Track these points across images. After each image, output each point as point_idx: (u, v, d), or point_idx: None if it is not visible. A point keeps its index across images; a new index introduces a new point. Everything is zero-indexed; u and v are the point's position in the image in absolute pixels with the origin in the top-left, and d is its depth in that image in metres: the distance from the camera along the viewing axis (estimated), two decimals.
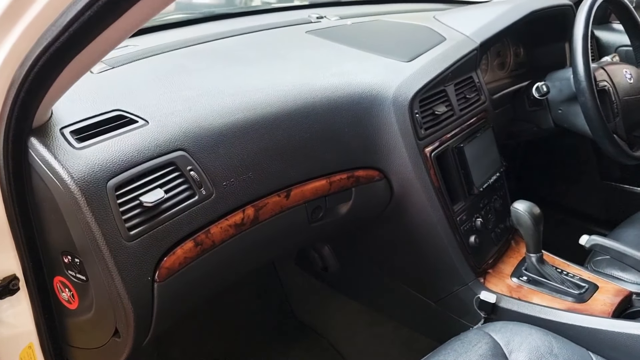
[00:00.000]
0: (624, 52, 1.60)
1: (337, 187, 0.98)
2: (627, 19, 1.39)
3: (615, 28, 1.66)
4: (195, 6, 3.53)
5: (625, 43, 1.53)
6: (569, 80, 1.25)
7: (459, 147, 1.09)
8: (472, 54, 1.19)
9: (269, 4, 1.75)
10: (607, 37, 1.69)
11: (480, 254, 1.14)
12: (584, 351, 0.93)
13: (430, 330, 1.25)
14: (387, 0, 1.59)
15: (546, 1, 1.41)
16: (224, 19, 1.33)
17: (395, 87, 1.00)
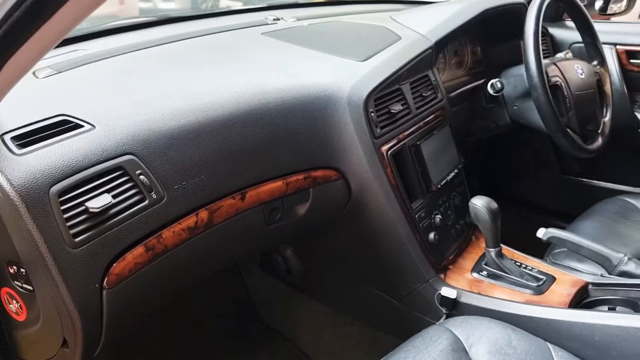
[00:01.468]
0: (577, 49, 1.64)
1: (294, 188, 0.97)
2: (578, 16, 1.43)
3: (568, 25, 1.70)
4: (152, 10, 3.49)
5: (578, 40, 1.57)
6: (523, 76, 1.27)
7: (416, 145, 1.10)
8: (427, 52, 1.20)
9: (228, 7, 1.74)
10: (561, 34, 1.73)
11: (440, 251, 1.15)
12: (542, 342, 0.94)
13: (394, 329, 1.25)
14: (345, 2, 1.60)
15: (499, 0, 1.43)
16: (179, 22, 1.32)
17: (349, 87, 1.00)
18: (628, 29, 1.72)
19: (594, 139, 1.39)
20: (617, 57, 1.65)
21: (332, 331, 1.38)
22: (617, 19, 2.03)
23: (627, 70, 1.66)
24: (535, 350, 0.92)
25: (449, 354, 0.90)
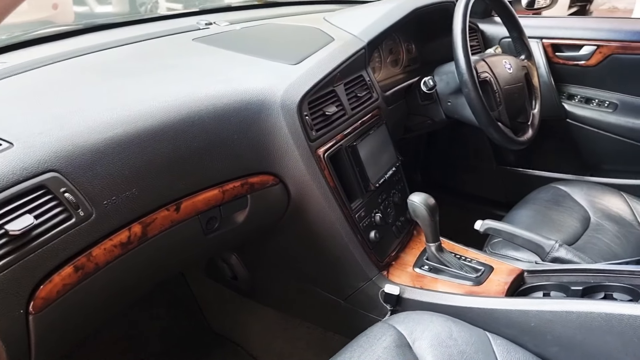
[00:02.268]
0: (506, 44, 1.70)
1: (231, 195, 0.96)
2: (504, 12, 1.48)
3: (497, 21, 1.75)
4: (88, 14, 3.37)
5: (507, 35, 1.62)
6: (454, 73, 1.30)
7: (352, 146, 1.11)
8: (360, 52, 1.21)
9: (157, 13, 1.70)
10: (491, 30, 1.79)
11: (382, 248, 1.16)
12: (481, 332, 0.97)
13: (342, 328, 1.26)
14: (279, 4, 1.59)
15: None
16: (106, 29, 1.28)
17: (282, 91, 1.00)
18: (553, 23, 1.79)
19: (524, 130, 1.45)
20: (544, 50, 1.72)
21: (282, 334, 1.38)
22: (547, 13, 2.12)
23: (553, 62, 1.73)
24: (475, 340, 0.94)
25: (393, 350, 0.91)
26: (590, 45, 1.66)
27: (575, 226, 1.39)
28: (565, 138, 1.79)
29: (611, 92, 1.71)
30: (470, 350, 0.92)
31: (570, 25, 1.73)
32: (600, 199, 1.50)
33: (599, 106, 1.72)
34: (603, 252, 1.30)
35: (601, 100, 1.72)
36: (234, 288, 1.41)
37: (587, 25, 1.69)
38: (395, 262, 1.20)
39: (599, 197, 1.51)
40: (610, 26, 1.65)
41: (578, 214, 1.43)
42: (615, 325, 0.88)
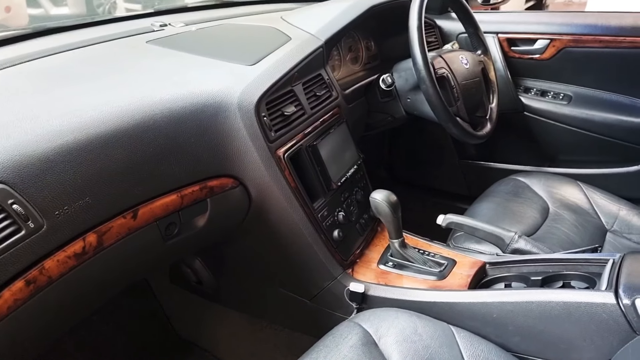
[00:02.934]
0: (464, 39, 1.72)
1: (190, 200, 0.94)
2: (459, 8, 1.50)
3: (454, 17, 1.77)
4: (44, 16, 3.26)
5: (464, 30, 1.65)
6: (412, 70, 1.31)
7: (313, 145, 1.11)
8: (318, 51, 1.21)
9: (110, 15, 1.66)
10: (449, 26, 1.81)
11: (346, 247, 1.16)
12: (445, 325, 0.98)
13: (309, 328, 1.26)
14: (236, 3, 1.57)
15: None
16: (57, 33, 1.24)
17: (239, 92, 0.99)
18: (508, 18, 1.83)
19: (483, 125, 1.47)
20: (500, 45, 1.75)
21: (249, 337, 1.37)
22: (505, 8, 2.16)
23: (509, 57, 1.76)
24: (439, 335, 0.95)
25: (359, 348, 0.92)
26: (543, 39, 1.69)
27: (535, 217, 1.42)
28: (523, 130, 1.82)
29: (566, 85, 1.76)
30: (435, 344, 0.93)
31: (524, 20, 1.77)
32: (558, 189, 1.53)
33: (554, 98, 1.77)
34: (562, 241, 1.33)
35: (556, 93, 1.76)
36: (200, 293, 1.39)
37: (541, 20, 1.73)
38: (360, 259, 1.20)
39: (556, 187, 1.54)
40: (562, 20, 1.68)
41: (537, 205, 1.46)
42: (573, 313, 0.90)
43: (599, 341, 0.88)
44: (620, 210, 1.49)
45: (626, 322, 0.85)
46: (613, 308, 0.86)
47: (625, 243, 1.39)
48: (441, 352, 0.92)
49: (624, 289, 0.86)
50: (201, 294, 1.39)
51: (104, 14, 4.56)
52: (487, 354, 0.93)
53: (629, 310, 0.84)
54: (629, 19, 1.60)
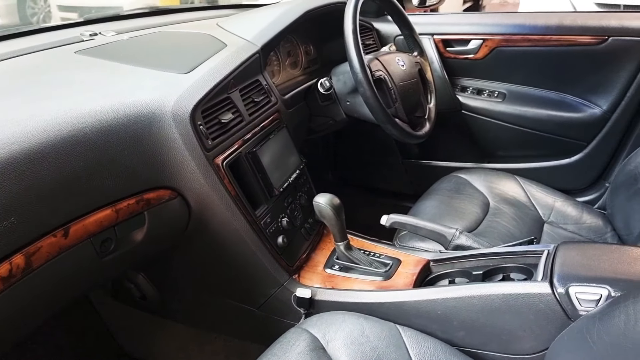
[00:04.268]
0: (401, 41, 1.75)
1: (126, 214, 0.91)
2: (394, 11, 1.52)
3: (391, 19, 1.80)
4: None
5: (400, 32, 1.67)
6: (350, 73, 1.32)
7: (253, 152, 1.09)
8: (254, 57, 1.20)
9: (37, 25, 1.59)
10: (386, 29, 1.84)
11: (291, 252, 1.16)
12: (392, 325, 0.99)
13: (259, 337, 1.24)
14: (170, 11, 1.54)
15: (320, 0, 1.48)
16: None
17: (173, 102, 0.96)
18: (442, 20, 1.87)
19: (422, 124, 1.50)
20: (435, 46, 1.79)
21: (199, 350, 1.34)
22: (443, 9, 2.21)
23: (445, 57, 1.80)
24: (386, 335, 0.96)
25: (308, 354, 0.91)
26: (476, 39, 1.74)
27: (476, 212, 1.45)
28: (462, 128, 1.87)
29: (499, 83, 1.81)
30: (382, 345, 0.94)
31: (458, 21, 1.81)
32: (497, 184, 1.58)
33: (490, 96, 1.82)
34: (502, 235, 1.37)
35: (491, 91, 1.82)
36: (145, 308, 1.35)
37: (473, 21, 1.78)
38: (306, 264, 1.20)
39: (496, 182, 1.59)
40: (493, 21, 1.74)
41: (478, 200, 1.50)
42: (512, 304, 0.92)
43: (538, 330, 0.91)
44: (555, 202, 1.55)
45: (561, 310, 0.88)
46: (549, 297, 0.89)
47: (561, 233, 1.45)
48: (389, 352, 0.93)
49: (558, 279, 0.89)
50: (146, 309, 1.35)
51: (37, 23, 4.38)
52: (434, 351, 0.95)
53: (564, 299, 0.88)
54: (555, 18, 1.67)
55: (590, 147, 1.75)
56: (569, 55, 1.66)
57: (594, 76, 1.67)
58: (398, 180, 2.04)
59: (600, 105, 1.70)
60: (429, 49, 1.77)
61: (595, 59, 1.64)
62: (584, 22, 1.62)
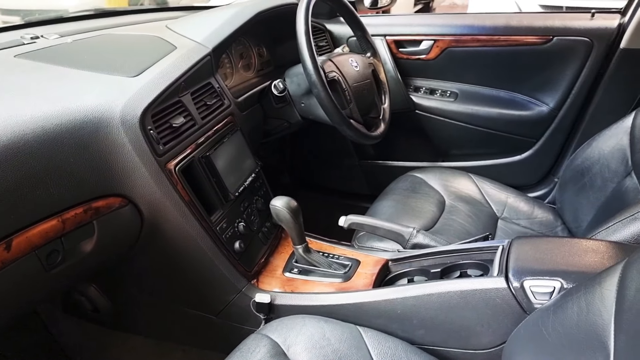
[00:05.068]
0: (354, 42, 1.75)
1: (74, 223, 0.87)
2: (346, 12, 1.52)
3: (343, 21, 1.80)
4: None
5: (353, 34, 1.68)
6: (304, 74, 1.31)
7: (206, 156, 1.07)
8: (206, 60, 1.17)
9: None
10: (338, 30, 1.84)
11: (249, 257, 1.14)
12: (353, 327, 0.99)
13: (218, 345, 1.21)
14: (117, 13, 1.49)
15: (272, 2, 1.47)
16: None
17: (121, 106, 0.93)
18: (394, 21, 1.89)
19: (377, 125, 1.50)
20: (388, 47, 1.80)
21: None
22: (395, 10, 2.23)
23: (398, 58, 1.82)
24: (347, 337, 0.96)
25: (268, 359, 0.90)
26: (428, 40, 1.77)
27: (433, 211, 1.47)
28: (416, 128, 1.89)
29: (451, 83, 1.85)
30: (344, 347, 0.93)
31: (409, 22, 1.84)
32: (452, 183, 1.61)
33: (442, 96, 1.85)
34: (458, 232, 1.39)
35: (444, 91, 1.85)
36: (97, 321, 1.30)
37: (424, 22, 1.81)
38: (265, 269, 1.18)
39: (450, 180, 1.62)
40: (443, 22, 1.77)
41: (434, 199, 1.52)
42: (470, 300, 0.93)
43: (495, 325, 0.93)
44: (508, 198, 1.59)
45: (517, 304, 0.89)
46: (505, 292, 0.90)
47: (514, 228, 1.49)
48: (350, 354, 0.92)
49: (513, 273, 0.91)
50: (99, 322, 1.30)
51: None
52: (394, 351, 0.95)
53: (519, 293, 0.89)
54: (502, 19, 1.71)
55: (539, 143, 1.80)
56: (517, 54, 1.71)
57: (541, 75, 1.73)
58: (355, 181, 2.04)
59: (547, 103, 1.75)
60: (381, 50, 1.78)
61: (541, 58, 1.69)
62: (530, 23, 1.67)
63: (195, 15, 1.46)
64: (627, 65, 1.58)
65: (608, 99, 1.65)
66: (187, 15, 1.47)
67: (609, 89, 1.64)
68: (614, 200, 1.27)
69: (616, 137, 1.37)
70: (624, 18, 1.58)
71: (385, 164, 1.97)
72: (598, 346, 0.67)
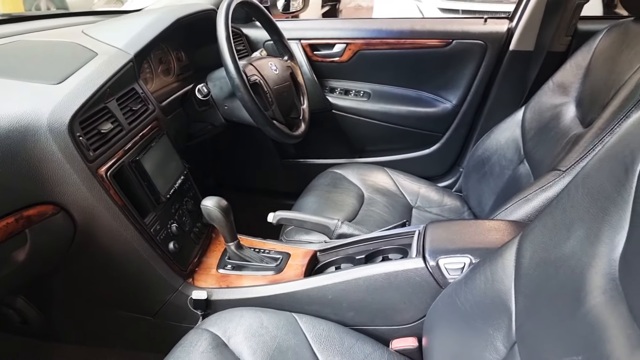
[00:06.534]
0: (270, 46, 1.82)
1: (5, 233, 0.86)
2: (262, 18, 1.58)
3: (259, 25, 1.86)
4: None
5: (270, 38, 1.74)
6: (226, 78, 1.36)
7: (136, 161, 1.09)
8: (129, 65, 1.19)
9: None
10: (255, 34, 1.89)
11: (183, 257, 1.17)
12: (288, 314, 1.05)
13: (157, 345, 1.22)
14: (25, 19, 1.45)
15: (191, 8, 1.50)
16: None
17: (48, 114, 0.93)
18: (308, 25, 1.98)
19: (298, 125, 1.58)
20: (303, 50, 1.88)
21: None
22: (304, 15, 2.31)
23: (313, 60, 1.91)
24: (284, 324, 1.02)
25: (211, 352, 0.94)
26: (340, 43, 1.87)
27: (353, 203, 1.57)
28: (333, 127, 1.99)
29: (364, 83, 1.96)
30: (281, 333, 1.00)
31: (323, 27, 1.93)
32: (369, 177, 1.72)
33: (356, 96, 1.96)
34: (377, 222, 1.50)
35: (357, 91, 1.96)
36: (26, 333, 1.27)
37: (336, 26, 1.91)
38: (199, 267, 1.22)
39: (367, 175, 1.73)
40: (354, 26, 1.88)
41: (354, 193, 1.62)
42: (392, 281, 1.03)
43: (416, 301, 1.03)
44: (420, 189, 1.72)
45: (434, 281, 1.00)
46: (423, 271, 1.01)
47: (427, 216, 1.62)
48: (287, 339, 0.99)
49: (429, 254, 1.02)
50: (27, 333, 1.27)
51: None
52: (328, 332, 1.02)
53: (435, 270, 1.00)
54: (407, 24, 1.85)
55: (445, 137, 1.97)
56: (421, 56, 1.85)
57: (444, 74, 1.88)
58: (278, 180, 2.11)
59: (450, 100, 1.92)
60: (297, 53, 1.86)
61: (443, 59, 1.84)
62: (432, 27, 1.82)
63: (112, 21, 1.45)
64: (516, 65, 1.78)
65: (502, 95, 1.84)
66: (104, 21, 1.46)
67: (502, 87, 1.83)
68: (510, 185, 1.43)
69: (510, 129, 1.54)
70: (511, 23, 1.77)
71: (306, 162, 2.05)
72: (502, 308, 0.79)
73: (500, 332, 0.78)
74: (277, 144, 2.03)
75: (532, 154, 1.38)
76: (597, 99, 1.18)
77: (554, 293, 0.69)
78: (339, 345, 1.00)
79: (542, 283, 0.73)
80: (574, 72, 1.36)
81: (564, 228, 0.72)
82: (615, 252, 0.63)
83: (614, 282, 0.61)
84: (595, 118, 1.13)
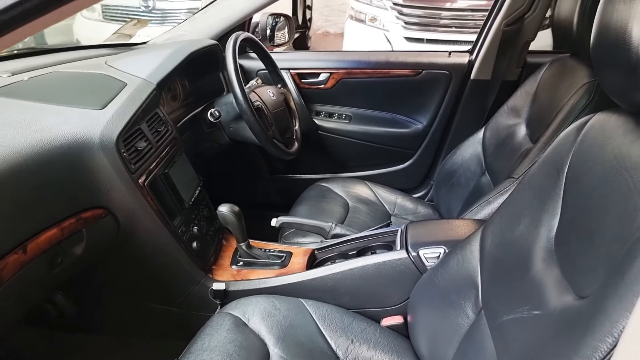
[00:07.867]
0: (263, 75, 2.04)
1: (69, 231, 1.05)
2: (260, 52, 1.81)
3: (252, 56, 2.08)
4: None
5: (262, 67, 1.97)
6: (232, 104, 1.58)
7: (165, 173, 1.29)
8: (153, 93, 1.39)
9: None
10: (248, 64, 2.11)
11: (203, 255, 1.37)
12: (296, 299, 1.26)
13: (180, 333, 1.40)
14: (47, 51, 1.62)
15: (200, 43, 1.71)
16: None
17: (99, 133, 1.12)
18: (296, 57, 2.21)
19: (292, 143, 1.81)
20: (292, 78, 2.11)
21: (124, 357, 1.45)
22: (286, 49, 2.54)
23: (301, 87, 2.13)
24: (293, 306, 1.22)
25: (235, 329, 1.13)
26: (325, 72, 2.10)
27: (340, 211, 1.79)
28: (320, 146, 2.22)
29: (345, 107, 2.19)
30: (292, 314, 1.20)
31: (309, 58, 2.17)
32: (352, 189, 1.95)
33: (339, 119, 2.19)
34: (362, 226, 1.72)
35: (340, 114, 2.19)
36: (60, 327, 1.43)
37: (321, 57, 2.14)
38: (215, 265, 1.42)
39: (351, 187, 1.95)
40: (337, 57, 2.12)
41: (340, 203, 1.85)
42: (381, 270, 1.25)
43: (401, 286, 1.25)
44: (397, 199, 1.96)
45: (415, 268, 1.23)
46: (406, 260, 1.23)
47: (404, 222, 1.85)
48: (297, 318, 1.19)
49: (411, 246, 1.25)
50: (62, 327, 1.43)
51: None
52: (330, 313, 1.23)
53: (416, 259, 1.23)
54: (382, 56, 2.10)
55: (417, 154, 2.22)
56: (396, 84, 2.10)
57: (415, 100, 2.13)
58: (269, 194, 2.31)
59: (421, 122, 2.17)
60: (288, 81, 2.09)
61: (414, 86, 2.09)
62: (405, 59, 2.08)
63: (131, 54, 1.65)
64: (476, 91, 2.04)
65: (465, 117, 2.10)
66: (124, 53, 1.66)
67: (465, 110, 2.09)
68: (474, 194, 1.68)
69: (473, 146, 1.80)
70: (472, 56, 2.04)
71: (295, 177, 2.27)
72: (471, 282, 1.01)
73: (470, 301, 1.01)
74: (268, 162, 2.24)
75: (492, 166, 1.64)
76: (543, 119, 1.45)
77: (509, 266, 0.93)
78: (340, 323, 1.21)
79: (500, 259, 0.96)
80: (524, 98, 1.64)
81: (515, 217, 0.96)
82: (552, 232, 0.87)
83: (551, 253, 0.85)
84: (541, 135, 1.39)
